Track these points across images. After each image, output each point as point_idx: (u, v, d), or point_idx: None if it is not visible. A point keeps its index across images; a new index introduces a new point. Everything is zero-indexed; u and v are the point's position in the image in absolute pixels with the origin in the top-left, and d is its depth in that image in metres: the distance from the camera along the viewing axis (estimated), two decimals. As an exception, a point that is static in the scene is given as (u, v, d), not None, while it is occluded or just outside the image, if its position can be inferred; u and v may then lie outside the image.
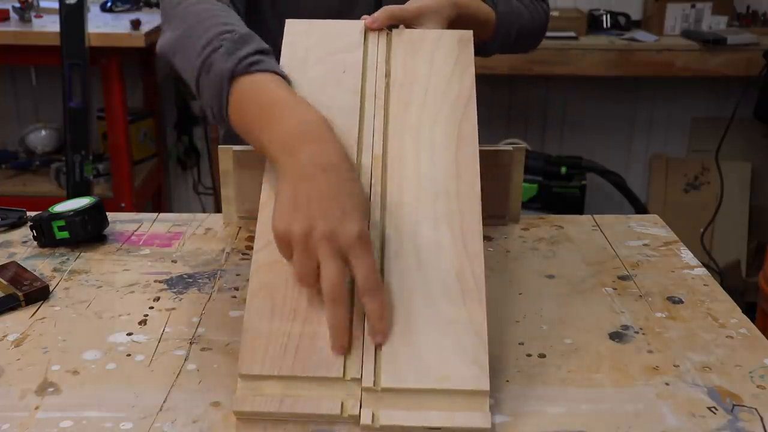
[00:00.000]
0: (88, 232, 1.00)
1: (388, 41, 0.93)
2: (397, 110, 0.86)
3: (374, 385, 0.67)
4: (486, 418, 0.66)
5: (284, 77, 0.82)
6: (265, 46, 0.84)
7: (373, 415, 0.66)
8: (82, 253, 1.00)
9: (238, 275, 0.94)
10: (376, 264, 0.70)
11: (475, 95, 0.87)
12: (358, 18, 0.94)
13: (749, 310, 1.13)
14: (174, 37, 0.90)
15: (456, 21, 0.98)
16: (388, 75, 0.89)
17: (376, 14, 0.93)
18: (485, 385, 0.67)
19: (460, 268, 0.74)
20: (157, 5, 2.74)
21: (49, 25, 2.41)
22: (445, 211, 0.78)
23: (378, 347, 0.69)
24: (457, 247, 0.76)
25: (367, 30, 0.93)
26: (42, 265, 0.96)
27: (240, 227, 1.07)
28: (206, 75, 0.82)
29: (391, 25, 0.94)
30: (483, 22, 1.07)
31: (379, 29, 0.93)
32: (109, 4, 2.68)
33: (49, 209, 1.01)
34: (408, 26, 0.95)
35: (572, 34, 2.64)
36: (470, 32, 0.93)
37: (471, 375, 0.68)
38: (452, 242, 0.76)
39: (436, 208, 0.78)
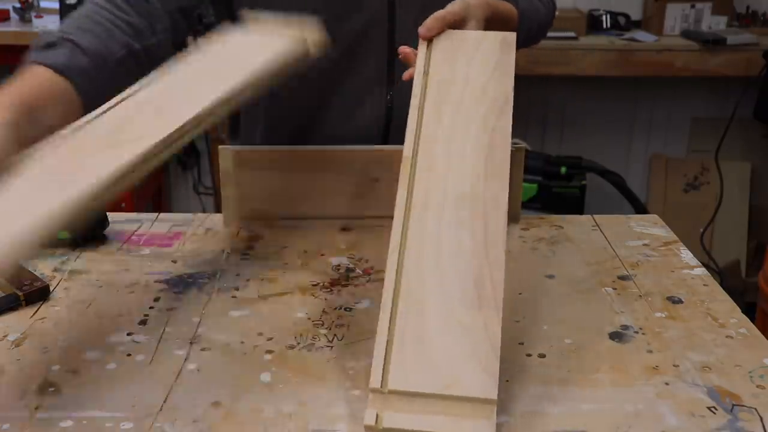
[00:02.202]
0: (88, 232, 1.00)
1: (430, 41, 0.92)
2: (432, 111, 0.85)
3: (381, 387, 0.66)
4: (491, 428, 0.65)
5: (50, 65, 0.85)
6: (50, 39, 0.89)
7: (377, 416, 0.65)
8: (82, 253, 1.00)
9: (238, 275, 0.94)
10: None
11: (512, 100, 0.86)
12: (366, 16, 0.95)
13: (749, 310, 1.13)
14: None
15: (490, 20, 0.99)
16: (426, 74, 0.89)
17: (429, 23, 0.93)
18: (493, 395, 0.65)
19: (479, 274, 0.73)
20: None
21: (50, 25, 2.41)
22: (470, 216, 0.77)
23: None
24: (478, 253, 0.74)
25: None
26: (42, 265, 0.96)
27: (240, 227, 1.07)
28: None
29: None
30: (508, 20, 1.07)
31: (435, 37, 0.93)
32: (109, 4, 2.67)
33: (50, 209, 1.01)
34: (454, 28, 0.95)
35: (572, 34, 2.63)
36: (513, 34, 0.93)
37: (480, 383, 0.66)
38: (473, 248, 0.75)
39: (460, 213, 0.77)
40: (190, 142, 3.02)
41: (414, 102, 0.86)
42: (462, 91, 0.87)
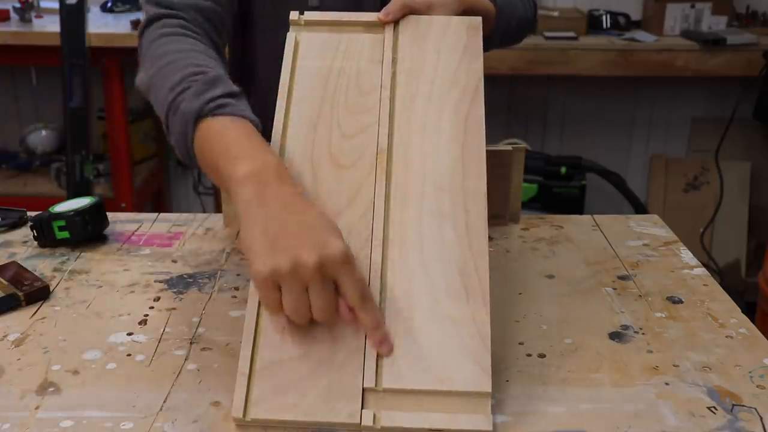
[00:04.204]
0: (88, 232, 1.01)
1: (395, 27, 0.91)
2: (404, 102, 0.84)
3: (376, 386, 0.67)
4: (487, 420, 0.66)
5: (252, 121, 0.80)
6: (235, 89, 0.82)
7: (374, 416, 0.66)
8: (82, 253, 1.00)
9: (238, 275, 0.94)
10: (364, 278, 0.70)
11: (482, 86, 0.85)
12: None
13: (749, 310, 1.13)
14: (148, 76, 0.89)
15: (463, 15, 0.98)
16: (394, 63, 0.87)
17: (389, 7, 0.92)
18: (487, 387, 0.67)
19: (464, 266, 0.73)
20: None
21: (49, 25, 2.41)
22: (451, 207, 0.77)
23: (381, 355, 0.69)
24: (461, 244, 0.75)
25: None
26: (42, 265, 0.96)
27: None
28: (173, 115, 0.81)
29: None
30: (485, 17, 1.07)
31: (393, 22, 0.91)
32: (109, 5, 2.68)
33: (50, 209, 1.01)
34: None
35: (572, 34, 2.63)
36: (479, 19, 0.92)
37: (473, 376, 0.67)
38: (457, 240, 0.75)
39: (441, 204, 0.77)
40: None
41: (384, 93, 0.85)
42: (432, 80, 0.85)
